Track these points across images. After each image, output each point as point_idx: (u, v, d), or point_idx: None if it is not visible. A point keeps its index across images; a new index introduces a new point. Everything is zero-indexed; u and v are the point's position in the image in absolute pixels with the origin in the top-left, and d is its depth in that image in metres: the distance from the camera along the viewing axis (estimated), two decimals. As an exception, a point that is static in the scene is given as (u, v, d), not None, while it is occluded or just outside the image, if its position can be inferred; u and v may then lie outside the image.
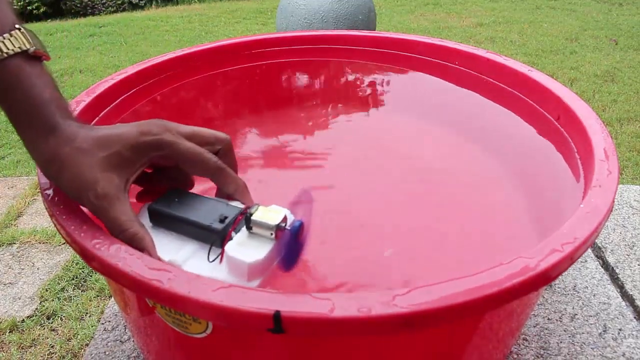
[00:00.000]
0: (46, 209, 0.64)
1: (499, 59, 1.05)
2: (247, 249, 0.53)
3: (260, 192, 0.82)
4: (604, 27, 4.02)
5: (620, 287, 1.00)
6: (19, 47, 0.51)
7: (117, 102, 0.97)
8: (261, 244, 0.53)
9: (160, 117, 0.73)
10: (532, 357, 0.86)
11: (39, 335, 1.33)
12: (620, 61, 3.27)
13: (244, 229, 0.54)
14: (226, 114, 1.02)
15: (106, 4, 5.39)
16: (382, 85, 1.12)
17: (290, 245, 0.54)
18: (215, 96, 1.09)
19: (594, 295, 0.97)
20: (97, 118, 0.93)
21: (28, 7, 5.24)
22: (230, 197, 0.58)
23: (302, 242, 0.56)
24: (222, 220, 0.54)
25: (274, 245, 0.53)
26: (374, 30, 2.16)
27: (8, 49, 0.50)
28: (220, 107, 1.06)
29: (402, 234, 0.73)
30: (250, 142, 0.94)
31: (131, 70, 1.03)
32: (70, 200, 0.64)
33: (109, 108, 0.96)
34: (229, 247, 0.53)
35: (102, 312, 1.29)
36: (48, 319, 1.38)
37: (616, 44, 3.59)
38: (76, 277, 1.51)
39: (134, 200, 0.60)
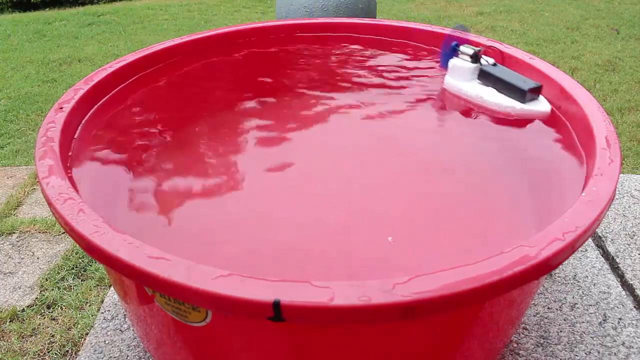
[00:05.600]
0: (45, 198, 0.64)
1: (500, 47, 1.04)
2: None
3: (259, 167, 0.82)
4: (606, 16, 3.99)
5: (621, 277, 1.00)
6: None
7: (116, 90, 0.96)
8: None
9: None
10: (532, 346, 0.86)
11: (39, 324, 1.33)
12: (622, 50, 3.24)
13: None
14: (226, 102, 1.02)
15: (105, -7, 5.35)
16: (384, 73, 1.11)
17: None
18: (217, 82, 1.08)
19: (594, 285, 0.97)
20: (96, 106, 0.93)
21: (26, -4, 5.20)
22: None
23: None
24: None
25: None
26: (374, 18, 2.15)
27: None
28: (222, 94, 1.05)
29: (403, 221, 0.73)
30: (248, 129, 0.93)
31: (130, 58, 1.02)
32: (69, 190, 0.64)
33: (108, 96, 0.96)
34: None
35: (102, 302, 1.29)
36: (48, 308, 1.38)
37: (618, 33, 3.57)
38: (76, 267, 1.51)
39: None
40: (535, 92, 0.93)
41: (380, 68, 1.13)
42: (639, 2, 4.33)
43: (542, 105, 0.92)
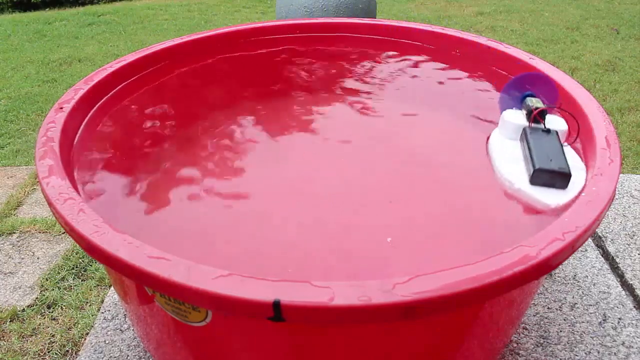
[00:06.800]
0: (45, 198, 0.64)
1: (500, 47, 1.04)
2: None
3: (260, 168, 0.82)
4: (606, 16, 3.99)
5: (620, 277, 1.00)
6: None
7: (116, 90, 0.96)
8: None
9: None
10: (532, 346, 0.86)
11: (40, 324, 1.33)
12: (622, 50, 3.24)
13: None
14: (226, 102, 1.02)
15: (105, -7, 5.36)
16: (384, 73, 1.11)
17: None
18: (217, 83, 1.08)
19: (594, 285, 0.97)
20: (96, 106, 0.93)
21: (26, -4, 5.21)
22: None
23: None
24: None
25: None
26: (374, 18, 2.15)
27: None
28: (222, 94, 1.05)
29: (403, 221, 0.73)
30: (249, 129, 0.93)
31: (130, 58, 1.02)
32: (70, 190, 0.64)
33: (108, 96, 0.96)
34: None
35: (102, 302, 1.29)
36: (48, 308, 1.38)
37: (617, 33, 3.57)
38: (76, 267, 1.51)
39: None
40: (555, 177, 0.71)
41: (380, 69, 1.13)
42: (639, 2, 4.33)
43: (551, 197, 0.70)
